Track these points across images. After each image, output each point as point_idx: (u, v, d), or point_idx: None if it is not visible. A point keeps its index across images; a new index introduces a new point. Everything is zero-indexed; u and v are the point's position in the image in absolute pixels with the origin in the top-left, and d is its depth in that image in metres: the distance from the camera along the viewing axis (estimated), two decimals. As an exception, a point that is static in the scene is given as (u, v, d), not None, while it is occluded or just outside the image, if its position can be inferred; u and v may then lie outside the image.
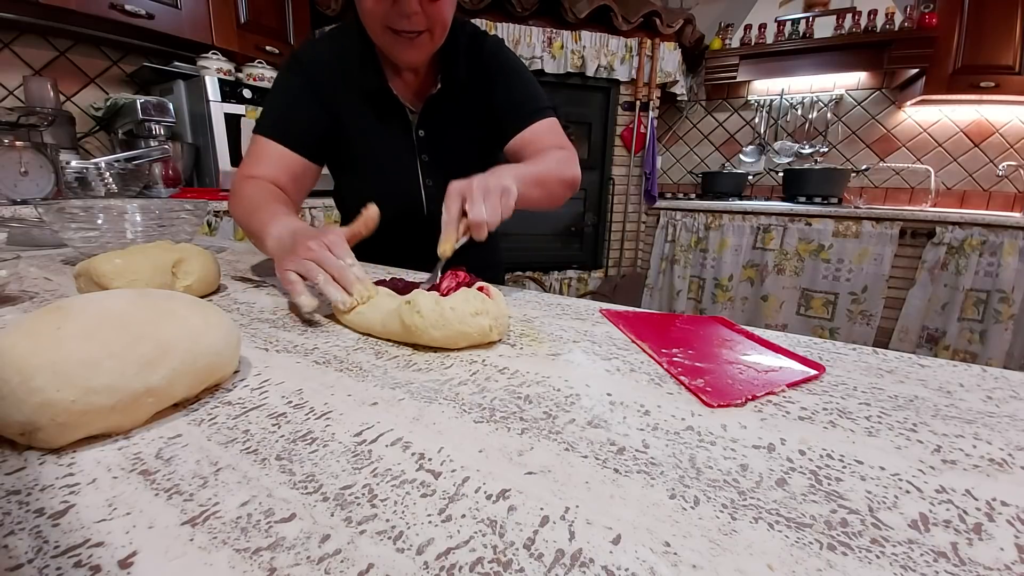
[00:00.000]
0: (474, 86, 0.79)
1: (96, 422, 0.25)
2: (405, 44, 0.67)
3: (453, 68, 0.76)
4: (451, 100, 0.79)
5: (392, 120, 0.79)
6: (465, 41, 0.78)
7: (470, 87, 0.79)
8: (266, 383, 0.34)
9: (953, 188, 2.62)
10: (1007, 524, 0.22)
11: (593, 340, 0.44)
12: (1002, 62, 2.21)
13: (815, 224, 2.36)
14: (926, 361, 0.41)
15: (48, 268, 0.67)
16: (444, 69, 0.77)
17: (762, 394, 0.33)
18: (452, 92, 0.78)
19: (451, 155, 0.83)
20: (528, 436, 0.28)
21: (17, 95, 1.72)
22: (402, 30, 0.65)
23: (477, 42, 0.79)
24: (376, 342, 0.43)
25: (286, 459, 0.25)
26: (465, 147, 0.84)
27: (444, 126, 0.81)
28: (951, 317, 2.16)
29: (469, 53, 0.78)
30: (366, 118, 0.79)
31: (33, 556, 0.18)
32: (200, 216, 0.78)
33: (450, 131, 0.82)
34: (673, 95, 2.87)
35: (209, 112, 1.83)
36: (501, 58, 0.80)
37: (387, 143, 0.81)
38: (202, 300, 0.36)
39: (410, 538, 0.20)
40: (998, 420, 0.31)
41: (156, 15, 1.73)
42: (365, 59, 0.75)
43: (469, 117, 0.82)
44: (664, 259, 2.82)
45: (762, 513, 0.22)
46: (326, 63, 0.76)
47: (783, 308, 2.51)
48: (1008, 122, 2.45)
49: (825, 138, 2.84)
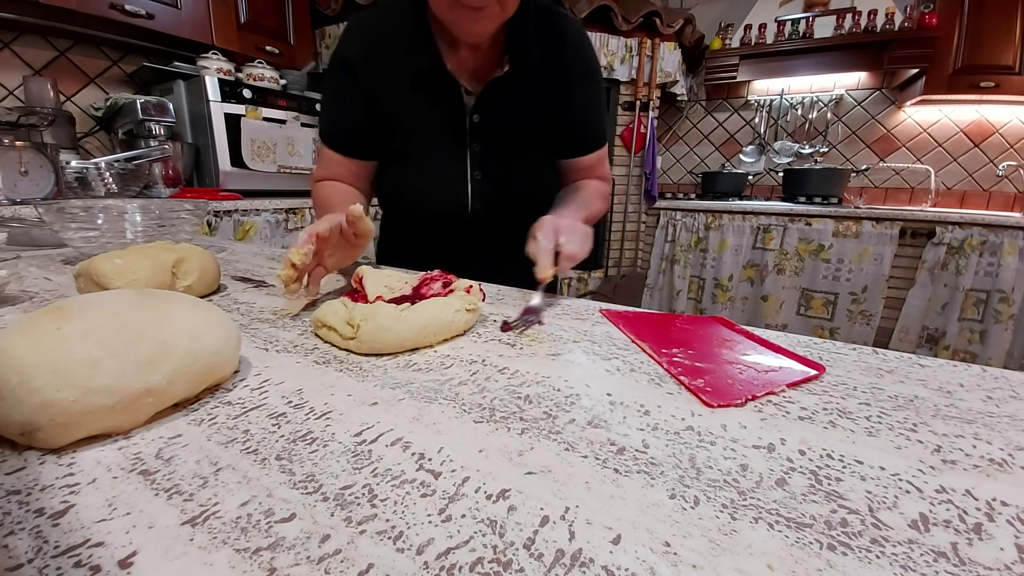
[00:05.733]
0: (547, 73, 0.71)
1: (96, 422, 0.25)
2: (472, 15, 0.59)
3: (523, 49, 0.68)
4: (517, 85, 0.70)
5: (444, 103, 0.71)
6: (536, 16, 0.69)
7: (542, 73, 0.70)
8: (266, 383, 0.34)
9: (953, 188, 2.62)
10: (1007, 524, 0.22)
11: (593, 340, 0.44)
12: (1002, 62, 2.21)
13: (815, 224, 2.36)
14: (926, 361, 0.41)
15: (48, 268, 0.67)
16: (512, 49, 0.68)
17: (762, 394, 0.33)
18: (521, 76, 0.69)
19: (506, 147, 0.75)
20: (528, 436, 0.28)
21: (17, 95, 1.72)
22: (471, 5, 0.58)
23: (555, 22, 0.71)
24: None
25: (286, 459, 0.25)
26: (523, 140, 0.76)
27: (504, 112, 0.73)
28: (951, 317, 2.16)
29: (543, 32, 0.69)
30: (415, 102, 0.71)
31: (33, 556, 0.18)
32: (200, 216, 0.78)
33: (510, 119, 0.74)
34: (673, 95, 2.87)
35: (209, 112, 1.83)
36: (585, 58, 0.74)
37: (436, 128, 0.73)
38: (202, 300, 0.36)
39: (410, 538, 0.20)
40: (998, 420, 0.31)
41: (156, 15, 1.73)
42: (416, 36, 0.68)
43: (534, 107, 0.73)
44: (664, 259, 2.82)
45: (762, 513, 0.22)
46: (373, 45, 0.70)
47: (783, 308, 2.51)
48: (1008, 122, 2.45)
49: (825, 138, 2.84)
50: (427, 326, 0.41)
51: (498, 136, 0.74)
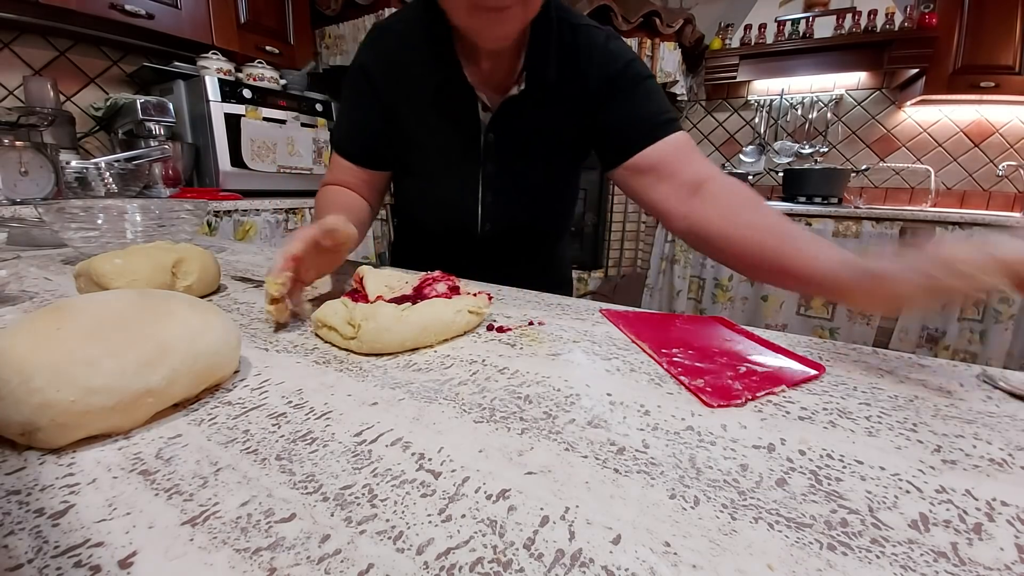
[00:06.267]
0: (567, 91, 0.66)
1: (96, 422, 0.25)
2: (493, 19, 0.55)
3: (542, 66, 0.64)
4: (535, 104, 0.66)
5: (460, 118, 0.69)
6: (559, 32, 0.64)
7: (565, 91, 0.66)
8: (266, 383, 0.34)
9: (953, 188, 2.62)
10: (1007, 524, 0.22)
11: (593, 340, 0.44)
12: (1002, 62, 2.20)
13: (815, 224, 2.36)
14: (926, 361, 0.41)
15: (48, 268, 0.67)
16: (531, 65, 0.64)
17: (762, 394, 0.33)
18: (538, 94, 0.65)
19: (520, 170, 0.73)
20: (528, 436, 0.28)
21: (17, 95, 1.72)
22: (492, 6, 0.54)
23: (578, 38, 0.65)
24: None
25: (286, 459, 0.25)
26: (539, 163, 0.73)
27: (520, 133, 0.70)
28: (951, 317, 2.16)
29: (565, 49, 0.65)
30: (431, 116, 0.70)
31: (33, 556, 0.18)
32: (200, 216, 0.78)
33: (526, 140, 0.70)
34: (673, 95, 2.87)
35: (209, 112, 1.83)
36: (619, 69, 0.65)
37: (450, 145, 0.71)
38: (202, 300, 0.36)
39: (410, 538, 0.20)
40: (998, 420, 0.31)
41: (156, 15, 1.73)
42: (436, 46, 0.65)
43: (553, 128, 0.70)
44: (664, 259, 2.82)
45: (762, 513, 0.22)
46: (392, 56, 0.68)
47: (783, 308, 2.51)
48: (1008, 122, 2.45)
49: (825, 138, 2.84)
50: (428, 326, 0.41)
51: (512, 157, 0.72)
